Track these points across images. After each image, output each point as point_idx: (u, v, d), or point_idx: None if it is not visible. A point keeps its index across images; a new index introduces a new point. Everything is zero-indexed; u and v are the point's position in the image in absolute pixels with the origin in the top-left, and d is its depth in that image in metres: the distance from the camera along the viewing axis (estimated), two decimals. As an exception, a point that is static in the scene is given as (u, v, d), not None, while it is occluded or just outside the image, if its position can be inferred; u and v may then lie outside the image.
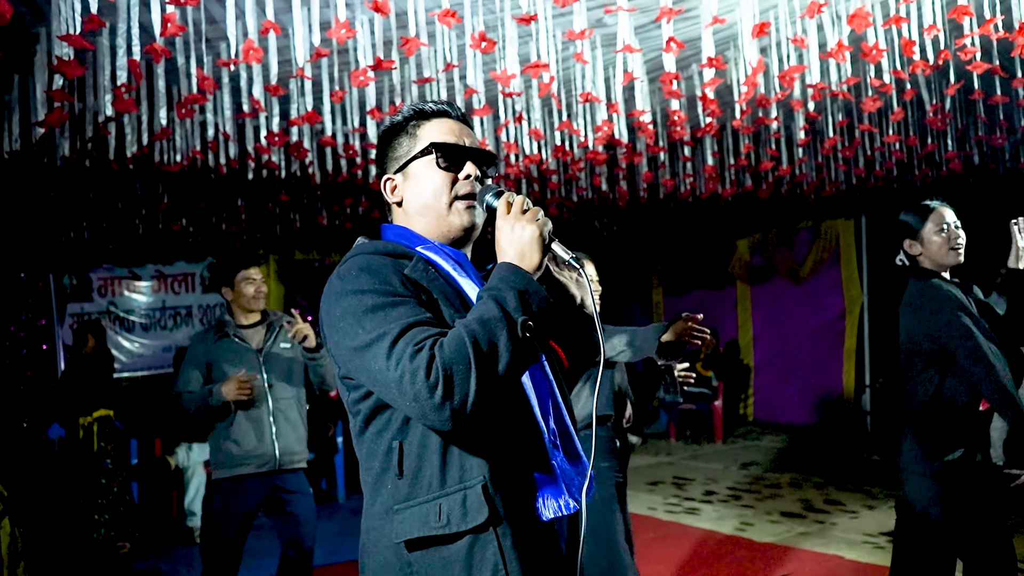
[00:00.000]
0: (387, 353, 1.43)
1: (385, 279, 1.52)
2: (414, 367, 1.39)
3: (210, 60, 4.05)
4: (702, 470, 8.25)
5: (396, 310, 1.48)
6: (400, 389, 1.41)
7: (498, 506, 1.52)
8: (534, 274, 1.52)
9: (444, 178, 1.67)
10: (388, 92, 4.77)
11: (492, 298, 1.46)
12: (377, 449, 1.60)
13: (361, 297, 1.50)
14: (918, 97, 5.18)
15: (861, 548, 5.28)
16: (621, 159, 6.33)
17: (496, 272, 1.51)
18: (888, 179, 7.53)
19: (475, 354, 1.39)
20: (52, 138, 4.68)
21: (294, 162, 5.68)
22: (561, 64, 4.69)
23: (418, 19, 3.50)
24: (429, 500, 1.52)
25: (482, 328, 1.42)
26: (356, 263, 1.56)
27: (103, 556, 5.87)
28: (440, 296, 1.57)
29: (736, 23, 4.21)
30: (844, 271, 10.04)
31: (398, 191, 1.72)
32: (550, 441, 1.61)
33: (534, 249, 1.53)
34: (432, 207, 1.67)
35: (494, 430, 1.54)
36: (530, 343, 1.45)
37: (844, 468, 7.89)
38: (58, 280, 9.08)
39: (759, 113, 5.32)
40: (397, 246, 1.64)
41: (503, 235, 1.55)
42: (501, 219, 1.56)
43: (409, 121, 1.72)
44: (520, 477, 1.57)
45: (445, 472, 1.53)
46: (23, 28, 3.94)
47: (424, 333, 1.44)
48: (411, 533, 1.52)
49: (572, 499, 1.59)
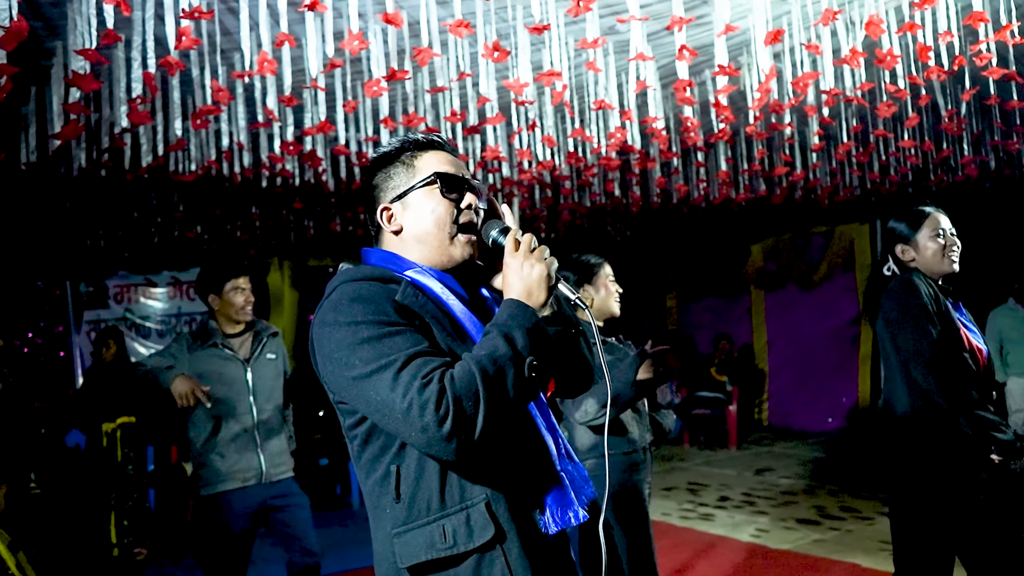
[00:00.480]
0: (391, 384, 1.43)
1: (379, 308, 1.52)
2: (423, 399, 1.39)
3: (224, 71, 4.08)
4: (716, 476, 8.22)
5: (394, 340, 1.48)
6: (407, 420, 1.41)
7: (503, 522, 1.52)
8: (539, 311, 1.55)
9: (447, 207, 1.67)
10: (401, 101, 4.79)
11: (501, 335, 1.48)
12: (374, 473, 1.60)
13: (356, 328, 1.50)
14: (933, 102, 5.15)
15: (877, 555, 5.24)
16: (634, 165, 6.33)
17: (505, 308, 1.54)
18: (903, 184, 7.49)
19: (484, 390, 1.41)
20: (68, 149, 4.72)
21: (307, 171, 5.71)
22: (573, 72, 4.69)
23: (431, 29, 3.51)
24: (430, 522, 1.53)
25: (492, 365, 1.44)
26: (347, 292, 1.56)
27: (122, 563, 5.90)
28: (432, 320, 1.58)
29: (749, 29, 4.20)
30: (858, 276, 9.99)
31: (396, 220, 1.71)
32: (555, 451, 1.63)
33: (541, 287, 1.56)
34: (434, 236, 1.67)
35: (497, 448, 1.55)
36: (534, 380, 1.48)
37: (859, 474, 7.84)
38: (75, 288, 9.15)
39: (772, 119, 5.31)
40: (384, 271, 1.64)
41: (511, 272, 1.58)
42: (509, 256, 1.60)
43: (403, 152, 1.73)
44: (526, 491, 1.58)
45: (444, 493, 1.53)
46: (39, 42, 3.98)
47: (430, 365, 1.44)
48: (416, 557, 1.52)
49: (582, 509, 1.61)
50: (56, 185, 6.17)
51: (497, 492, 1.54)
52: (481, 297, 1.79)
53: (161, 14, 3.19)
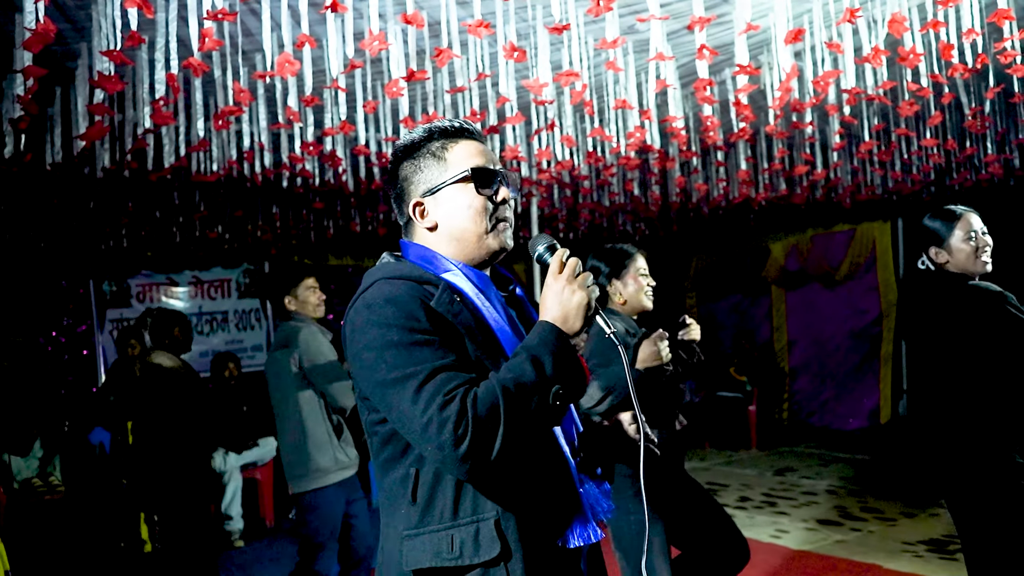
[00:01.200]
0: (413, 397, 1.43)
1: (411, 313, 1.50)
2: (443, 417, 1.39)
3: (246, 72, 4.11)
4: (736, 476, 8.18)
5: (423, 350, 1.47)
6: (425, 435, 1.41)
7: (511, 541, 1.51)
8: (573, 338, 1.53)
9: (482, 203, 1.65)
10: (421, 101, 4.81)
11: (530, 359, 1.46)
12: (392, 473, 1.60)
13: (387, 331, 1.49)
14: (956, 101, 5.10)
15: (900, 557, 5.20)
16: (654, 164, 6.31)
17: (537, 331, 1.52)
18: (925, 183, 7.43)
19: (506, 414, 1.41)
20: (93, 150, 4.77)
21: (328, 171, 5.74)
22: (593, 71, 4.69)
23: (451, 29, 3.52)
24: (440, 530, 1.52)
25: (517, 389, 1.43)
26: (383, 292, 1.54)
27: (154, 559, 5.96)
28: (464, 331, 1.56)
29: (770, 27, 4.18)
30: (880, 275, 9.89)
31: (429, 215, 1.68)
32: (576, 470, 1.62)
33: (579, 315, 1.54)
34: (472, 232, 1.65)
35: (513, 465, 1.53)
36: (558, 408, 1.47)
37: (882, 475, 7.78)
38: (98, 287, 9.24)
39: (793, 118, 5.28)
40: (423, 271, 1.62)
41: (551, 293, 1.55)
42: (552, 277, 1.57)
43: (432, 141, 1.70)
44: (540, 509, 1.56)
45: (458, 504, 1.53)
46: (65, 44, 4.02)
47: (454, 381, 1.44)
48: (421, 563, 1.52)
49: (598, 527, 1.60)
50: (80, 185, 6.25)
51: (509, 510, 1.53)
52: (516, 296, 1.78)
53: (184, 16, 3.21)
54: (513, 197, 1.72)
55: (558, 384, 1.46)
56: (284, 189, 6.29)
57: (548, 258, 1.62)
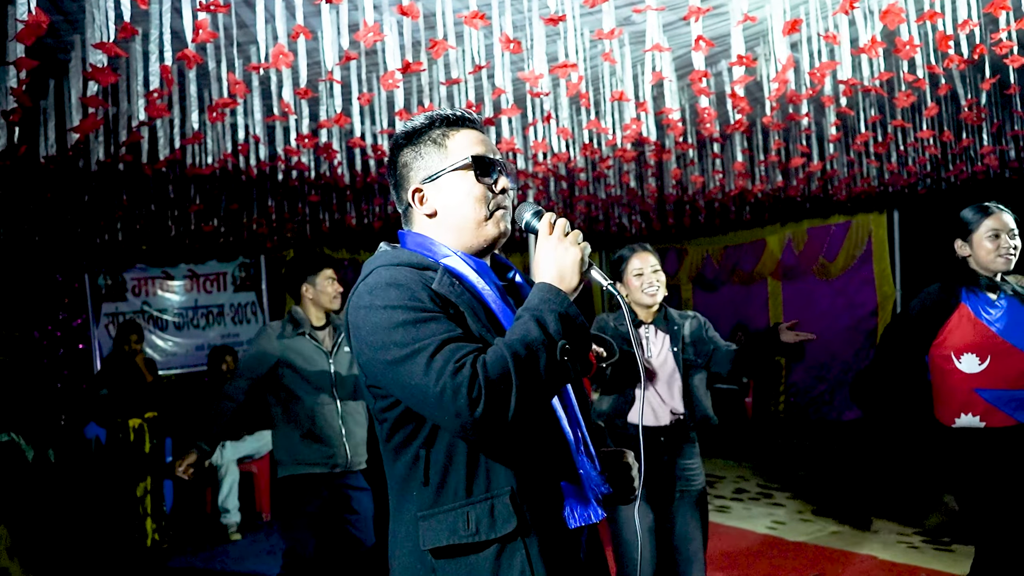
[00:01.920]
0: (424, 369, 1.44)
1: (414, 294, 1.52)
2: (456, 383, 1.40)
3: (240, 64, 4.09)
4: (732, 468, 8.21)
5: (428, 326, 1.49)
6: (440, 404, 1.42)
7: (526, 515, 1.53)
8: (571, 295, 1.54)
9: (482, 191, 1.67)
10: (416, 93, 4.79)
11: (533, 319, 1.47)
12: (403, 457, 1.62)
13: (392, 312, 1.51)
14: (952, 92, 5.09)
15: (895, 548, 5.22)
16: (650, 156, 6.30)
17: (537, 292, 1.53)
18: (922, 175, 7.43)
19: (517, 374, 1.41)
20: (87, 142, 4.74)
21: (323, 163, 5.72)
22: (589, 63, 4.67)
23: (446, 21, 3.51)
24: (456, 508, 1.54)
25: (524, 349, 1.43)
26: (383, 277, 1.56)
27: (154, 553, 5.96)
28: (467, 310, 1.58)
29: (766, 19, 4.17)
30: (876, 267, 9.91)
31: (429, 202, 1.70)
32: (576, 448, 1.62)
33: (575, 272, 1.55)
34: (471, 220, 1.67)
35: (521, 441, 1.56)
36: (566, 364, 1.47)
37: (878, 466, 7.81)
38: (93, 281, 9.23)
39: (789, 109, 5.27)
40: (422, 258, 1.64)
41: (544, 255, 1.57)
42: (543, 239, 1.58)
43: (433, 128, 1.70)
44: (547, 486, 1.59)
45: (472, 481, 1.55)
46: (58, 36, 4.00)
47: (463, 350, 1.45)
48: (438, 541, 1.54)
49: (599, 507, 1.61)
50: (75, 178, 6.22)
51: (522, 485, 1.55)
52: (515, 284, 1.79)
53: (178, 7, 3.19)
54: (512, 188, 1.73)
55: (564, 340, 1.47)
56: (279, 182, 6.27)
57: (536, 224, 1.64)
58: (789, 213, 10.40)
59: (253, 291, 10.26)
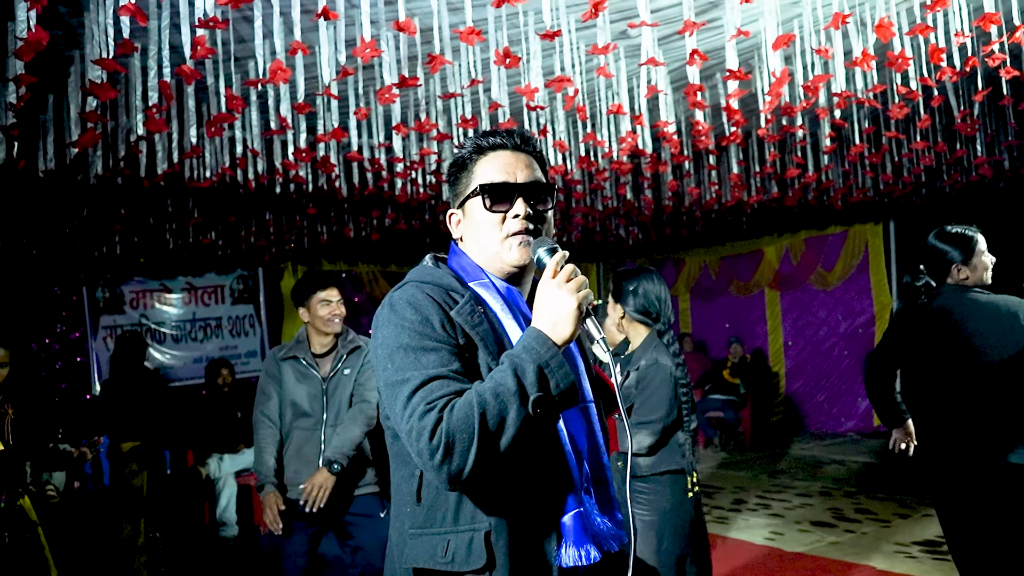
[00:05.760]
0: (405, 402, 1.46)
1: (426, 319, 1.54)
2: (421, 426, 1.42)
3: (239, 79, 4.12)
4: (731, 479, 8.20)
5: (427, 356, 1.50)
6: (408, 441, 1.46)
7: (498, 554, 1.51)
8: (562, 346, 1.49)
9: (494, 219, 1.66)
10: (413, 107, 4.82)
11: (511, 368, 1.44)
12: (402, 470, 1.64)
13: (399, 332, 1.53)
14: (946, 103, 5.13)
15: (893, 558, 5.22)
16: (646, 168, 6.33)
17: (523, 338, 1.50)
18: (917, 184, 7.47)
19: (480, 426, 1.40)
20: (85, 157, 4.77)
21: (321, 176, 5.74)
22: (585, 77, 4.71)
23: (443, 36, 3.54)
24: (441, 533, 1.55)
25: (494, 399, 1.41)
26: (407, 294, 1.59)
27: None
28: (480, 341, 1.57)
29: (760, 32, 4.21)
30: (873, 276, 9.95)
31: (461, 226, 1.74)
32: (581, 486, 1.59)
33: (568, 322, 1.50)
34: (486, 245, 1.68)
35: (517, 475, 1.54)
36: (543, 417, 1.44)
37: (875, 477, 7.81)
38: (91, 293, 9.23)
39: (784, 121, 5.30)
40: (453, 279, 1.65)
41: (542, 299, 1.53)
42: (544, 282, 1.54)
43: (469, 156, 1.72)
44: (538, 523, 1.56)
45: (459, 509, 1.55)
46: (57, 51, 4.03)
47: (442, 390, 1.45)
48: (418, 562, 1.56)
49: (595, 548, 1.56)
50: (73, 192, 6.24)
51: (503, 521, 1.53)
52: None
53: (177, 23, 3.22)
54: (544, 210, 1.70)
55: (540, 393, 1.42)
56: (277, 195, 6.29)
57: (545, 261, 1.59)
58: (786, 223, 10.44)
59: (251, 304, 10.27)
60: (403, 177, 5.57)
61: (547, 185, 1.73)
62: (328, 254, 10.29)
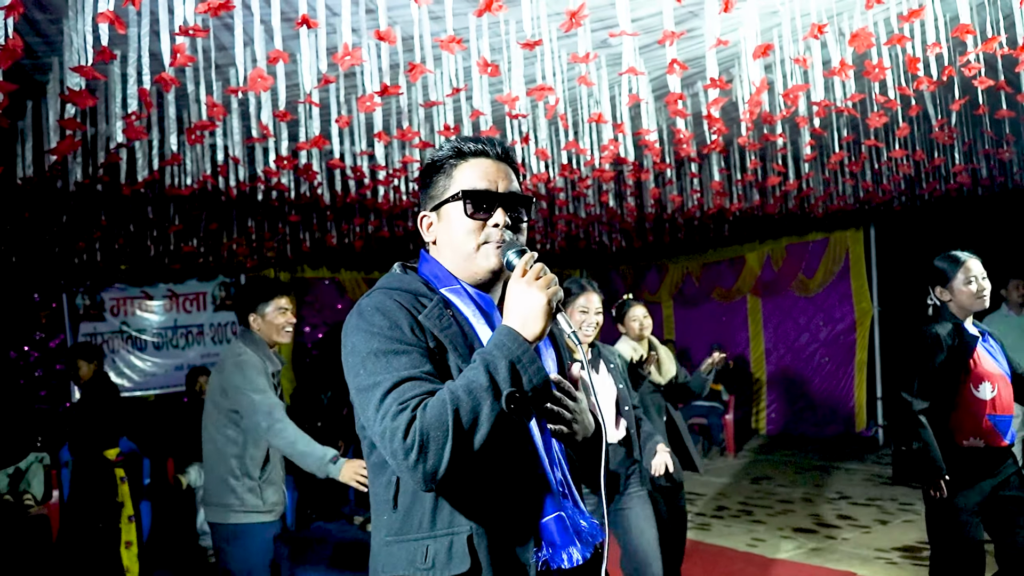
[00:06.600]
0: (377, 405, 1.46)
1: (395, 323, 1.54)
2: (394, 426, 1.42)
3: (219, 87, 4.10)
4: (713, 485, 8.22)
5: (399, 358, 1.50)
6: (381, 443, 1.46)
7: (481, 558, 1.51)
8: (533, 342, 1.49)
9: (473, 226, 1.65)
10: (395, 115, 4.82)
11: (484, 365, 1.44)
12: (380, 477, 1.64)
13: (369, 338, 1.53)
14: (924, 112, 5.18)
15: (874, 564, 5.25)
16: (628, 176, 6.36)
17: (494, 336, 1.50)
18: (896, 192, 7.54)
19: (454, 423, 1.40)
20: (65, 164, 4.73)
21: (303, 184, 5.73)
22: (566, 85, 4.72)
23: (424, 45, 3.54)
24: (418, 539, 1.55)
25: (467, 396, 1.41)
26: (375, 301, 1.59)
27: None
28: (450, 344, 1.57)
29: (740, 42, 4.23)
30: (854, 283, 10.02)
31: (433, 229, 1.73)
32: (557, 489, 1.60)
33: (538, 318, 1.50)
34: (461, 250, 1.67)
35: (493, 478, 1.54)
36: (516, 413, 1.44)
37: (856, 482, 7.86)
38: (71, 301, 9.16)
39: (765, 130, 5.34)
40: (422, 285, 1.66)
41: (511, 297, 1.53)
42: (513, 280, 1.54)
43: (448, 160, 1.71)
44: (518, 526, 1.56)
45: (436, 514, 1.54)
46: (36, 57, 4.00)
47: (414, 391, 1.45)
48: (397, 570, 1.55)
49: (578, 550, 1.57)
50: (53, 199, 6.19)
51: (483, 525, 1.53)
52: None
53: (156, 30, 3.20)
54: (521, 221, 1.71)
55: (513, 389, 1.43)
56: (259, 202, 6.27)
57: (515, 262, 1.60)
58: (768, 230, 10.50)
59: (233, 311, 10.22)
60: (385, 184, 5.57)
61: (526, 197, 1.75)
62: (311, 261, 10.27)
